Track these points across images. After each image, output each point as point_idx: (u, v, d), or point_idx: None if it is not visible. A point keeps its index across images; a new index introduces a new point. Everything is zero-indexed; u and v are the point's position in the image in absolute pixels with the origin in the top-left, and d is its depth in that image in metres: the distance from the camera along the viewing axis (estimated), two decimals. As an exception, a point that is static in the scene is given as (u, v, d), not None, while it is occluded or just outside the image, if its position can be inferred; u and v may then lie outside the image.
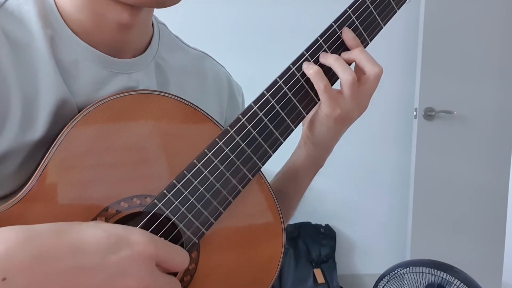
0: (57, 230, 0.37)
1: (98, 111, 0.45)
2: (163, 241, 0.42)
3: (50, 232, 0.37)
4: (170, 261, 0.41)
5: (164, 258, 0.41)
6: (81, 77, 0.49)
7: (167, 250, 0.41)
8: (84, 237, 0.37)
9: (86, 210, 0.44)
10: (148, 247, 0.39)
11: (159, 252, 0.40)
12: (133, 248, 0.38)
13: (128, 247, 0.38)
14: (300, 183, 0.65)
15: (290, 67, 0.54)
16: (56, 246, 0.36)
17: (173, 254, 0.42)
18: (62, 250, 0.36)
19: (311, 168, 0.64)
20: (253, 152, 0.52)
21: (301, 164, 0.63)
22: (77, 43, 0.50)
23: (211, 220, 0.50)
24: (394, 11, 0.58)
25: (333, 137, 0.60)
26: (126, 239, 0.39)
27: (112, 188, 0.46)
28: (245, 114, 0.51)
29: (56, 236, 0.37)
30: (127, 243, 0.38)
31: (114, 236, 0.38)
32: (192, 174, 0.49)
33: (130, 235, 0.39)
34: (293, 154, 0.65)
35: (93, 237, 0.38)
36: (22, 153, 0.45)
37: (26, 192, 0.42)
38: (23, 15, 0.48)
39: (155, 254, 0.39)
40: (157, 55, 0.58)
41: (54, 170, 0.43)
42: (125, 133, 0.46)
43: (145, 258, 0.39)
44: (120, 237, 0.39)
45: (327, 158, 0.63)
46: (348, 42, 0.55)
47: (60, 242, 0.36)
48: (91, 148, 0.45)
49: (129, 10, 0.49)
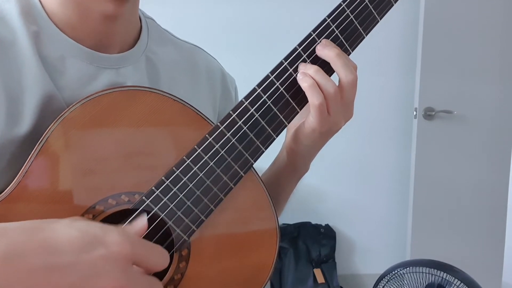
0: (29, 228, 0.37)
1: (84, 107, 0.45)
2: (140, 240, 0.41)
3: (22, 230, 0.36)
4: (148, 260, 0.40)
5: (141, 257, 0.39)
6: (68, 73, 0.49)
7: (145, 250, 0.40)
8: (57, 236, 0.36)
9: (73, 207, 0.44)
10: (123, 246, 0.38)
11: (135, 252, 0.39)
12: (107, 248, 0.37)
13: (102, 247, 0.37)
14: (284, 188, 0.65)
15: (282, 62, 0.52)
16: (27, 244, 0.35)
17: (151, 254, 0.41)
18: (33, 248, 0.35)
19: (295, 174, 0.63)
20: (244, 148, 0.51)
21: (284, 172, 0.63)
22: (62, 39, 0.50)
23: (201, 217, 0.49)
24: (377, 21, 0.55)
25: (318, 148, 0.59)
26: (101, 238, 0.37)
27: (99, 185, 0.45)
28: (236, 110, 0.50)
29: (27, 234, 0.36)
30: (101, 242, 0.37)
31: (89, 235, 0.37)
32: (181, 171, 0.48)
33: (106, 234, 0.38)
34: (276, 161, 0.64)
35: (67, 236, 0.37)
36: (10, 150, 0.45)
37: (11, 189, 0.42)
38: (4, 14, 0.48)
39: (131, 253, 0.38)
40: (147, 49, 0.57)
41: (39, 167, 0.43)
42: (113, 130, 0.46)
43: (120, 258, 0.37)
44: (95, 236, 0.37)
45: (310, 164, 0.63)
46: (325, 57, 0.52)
47: (31, 240, 0.35)
48: (77, 145, 0.44)
49: (113, 1, 0.49)
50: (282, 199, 0.66)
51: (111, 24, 0.51)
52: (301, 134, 0.56)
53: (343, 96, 0.53)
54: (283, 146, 0.62)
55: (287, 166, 0.62)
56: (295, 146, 0.59)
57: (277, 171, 0.64)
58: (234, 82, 0.71)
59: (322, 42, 0.53)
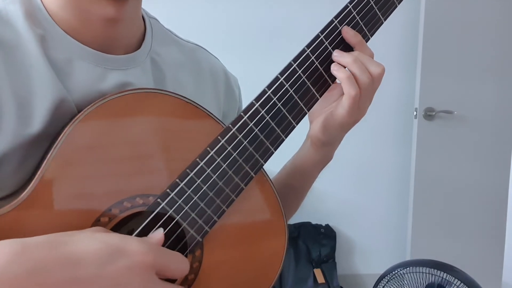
0: (52, 242, 0.37)
1: (99, 110, 0.45)
2: (161, 249, 0.42)
3: (45, 244, 0.37)
4: (169, 269, 0.41)
5: (162, 266, 0.40)
6: (75, 75, 0.49)
7: (166, 258, 0.41)
8: (80, 249, 0.37)
9: (89, 211, 0.44)
10: (146, 256, 0.39)
11: (157, 261, 0.39)
12: (130, 258, 0.38)
13: (125, 257, 0.38)
14: (309, 178, 0.66)
15: (291, 64, 0.53)
16: (51, 259, 0.36)
17: (172, 262, 0.42)
18: (57, 263, 0.36)
19: (320, 163, 0.65)
20: (255, 149, 0.51)
21: (310, 162, 0.64)
22: (68, 41, 0.49)
23: (214, 218, 0.50)
24: (395, 6, 0.58)
25: (341, 137, 0.62)
26: (123, 248, 0.38)
27: (114, 188, 0.45)
28: (247, 112, 0.51)
29: (50, 249, 0.36)
30: (124, 253, 0.38)
31: (111, 246, 0.38)
32: (195, 173, 0.48)
33: (127, 244, 0.39)
34: (300, 152, 0.65)
35: (89, 248, 0.37)
36: (20, 152, 0.45)
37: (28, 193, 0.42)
38: (9, 16, 0.48)
39: (153, 262, 0.39)
40: (152, 51, 0.57)
41: (56, 171, 0.43)
42: (126, 132, 0.46)
43: (144, 268, 0.38)
44: (117, 247, 0.38)
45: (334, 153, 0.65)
46: (349, 40, 0.55)
47: (55, 254, 0.36)
48: (93, 148, 0.44)
49: (113, 3, 0.49)
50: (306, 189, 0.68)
51: (113, 27, 0.51)
52: (331, 124, 0.58)
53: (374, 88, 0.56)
54: (306, 137, 0.64)
55: (312, 156, 0.63)
56: (322, 136, 0.60)
57: (302, 163, 0.65)
58: (237, 81, 0.71)
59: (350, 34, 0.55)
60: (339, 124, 0.58)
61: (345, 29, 0.55)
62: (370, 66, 0.55)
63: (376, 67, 0.55)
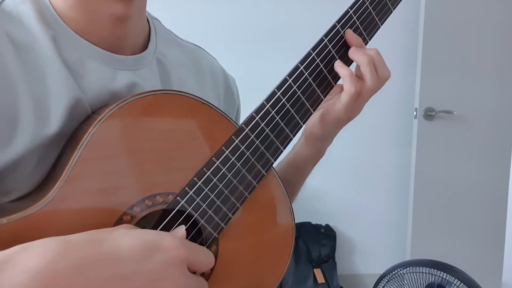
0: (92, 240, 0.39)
1: (121, 111, 0.45)
2: (191, 243, 0.44)
3: (86, 242, 0.38)
4: (199, 262, 0.43)
5: (194, 260, 0.42)
6: (87, 75, 0.50)
7: (196, 253, 0.43)
8: (119, 246, 0.39)
9: (112, 209, 0.45)
10: (180, 251, 0.41)
11: (189, 255, 0.42)
12: (166, 253, 0.40)
13: (161, 253, 0.40)
14: (303, 172, 0.69)
15: (299, 66, 0.56)
16: (94, 257, 0.37)
17: (200, 256, 0.44)
18: (100, 260, 0.37)
19: (313, 158, 0.67)
20: (266, 148, 0.54)
21: (304, 157, 0.66)
22: (79, 41, 0.50)
23: (229, 215, 0.52)
24: (390, 11, 0.62)
25: (335, 133, 0.64)
26: (159, 244, 0.40)
27: (137, 187, 0.47)
28: (259, 112, 0.53)
29: (91, 246, 0.38)
30: (159, 249, 0.40)
31: (147, 242, 0.40)
32: (211, 172, 0.50)
33: (162, 240, 0.41)
34: (295, 148, 0.68)
35: (128, 245, 0.39)
36: (38, 153, 0.45)
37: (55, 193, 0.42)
38: (22, 15, 0.48)
39: (186, 257, 0.41)
40: (157, 51, 0.58)
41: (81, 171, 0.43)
42: (148, 132, 0.47)
43: (178, 262, 0.40)
44: (153, 243, 0.40)
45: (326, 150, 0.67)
46: (352, 43, 0.58)
47: (97, 252, 0.38)
48: (116, 148, 0.45)
49: (121, 1, 0.49)
50: (300, 184, 0.71)
51: (121, 26, 0.51)
52: (327, 118, 0.61)
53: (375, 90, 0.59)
54: (302, 133, 0.66)
55: (306, 151, 0.66)
56: (317, 130, 0.63)
57: (295, 157, 0.67)
58: (235, 81, 0.72)
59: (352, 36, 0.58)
60: (334, 119, 0.60)
61: (348, 32, 0.58)
62: (381, 69, 0.58)
63: (387, 71, 0.58)
